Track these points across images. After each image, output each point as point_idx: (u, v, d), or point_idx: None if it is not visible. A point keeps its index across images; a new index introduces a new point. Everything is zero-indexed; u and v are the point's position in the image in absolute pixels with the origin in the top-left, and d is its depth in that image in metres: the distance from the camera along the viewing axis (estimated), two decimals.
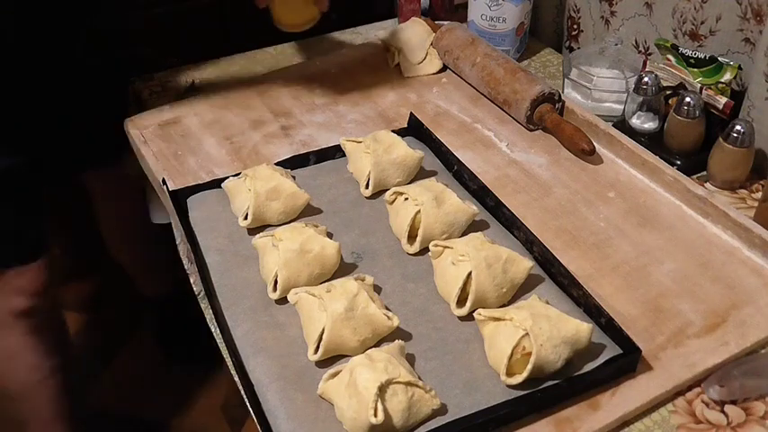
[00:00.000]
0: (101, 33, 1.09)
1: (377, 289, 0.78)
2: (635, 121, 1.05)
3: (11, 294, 1.08)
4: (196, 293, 0.88)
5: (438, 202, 0.82)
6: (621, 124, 1.06)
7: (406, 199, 0.83)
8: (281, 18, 1.04)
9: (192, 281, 0.90)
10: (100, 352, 1.81)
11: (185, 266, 0.94)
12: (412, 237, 0.83)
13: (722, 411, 0.69)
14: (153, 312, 1.46)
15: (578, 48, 1.29)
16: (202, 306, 0.85)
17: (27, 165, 1.03)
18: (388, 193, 0.86)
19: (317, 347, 0.70)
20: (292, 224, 0.82)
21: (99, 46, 1.07)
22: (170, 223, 0.99)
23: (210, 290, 0.79)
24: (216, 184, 0.91)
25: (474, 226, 0.84)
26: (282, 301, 0.76)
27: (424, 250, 0.81)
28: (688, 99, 0.96)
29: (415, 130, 1.02)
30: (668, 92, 1.03)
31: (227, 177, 0.90)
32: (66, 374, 1.23)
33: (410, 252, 0.82)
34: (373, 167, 0.89)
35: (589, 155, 0.98)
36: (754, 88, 0.96)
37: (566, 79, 1.14)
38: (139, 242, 1.45)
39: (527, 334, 0.66)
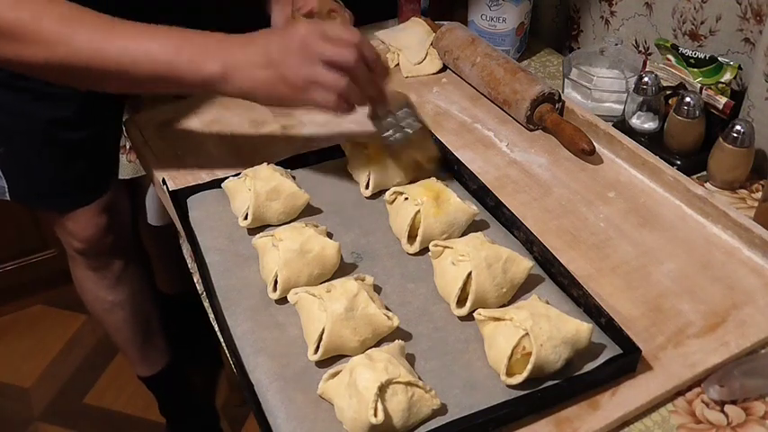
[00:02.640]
0: None
1: (377, 289, 0.78)
2: (635, 121, 1.05)
3: (68, 235, 1.20)
4: (199, 293, 0.88)
5: (438, 202, 0.82)
6: (621, 124, 1.06)
7: (406, 199, 0.83)
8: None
9: (195, 280, 0.91)
10: (102, 350, 1.82)
11: (189, 266, 0.94)
12: (412, 237, 0.83)
13: (722, 411, 0.69)
14: (163, 309, 1.48)
15: (578, 48, 1.29)
16: (204, 306, 0.85)
17: (73, 116, 1.07)
18: (388, 193, 0.86)
19: (317, 347, 0.70)
20: (292, 224, 0.82)
21: None
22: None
23: (210, 290, 0.79)
24: (216, 184, 0.91)
25: (474, 226, 0.84)
26: (282, 301, 0.76)
27: (424, 250, 0.81)
28: (688, 99, 0.96)
29: None
30: (668, 92, 1.03)
31: (227, 177, 0.90)
32: (128, 312, 1.34)
33: (410, 252, 0.82)
34: (373, 167, 0.89)
35: (589, 155, 0.98)
36: (754, 88, 0.96)
37: (566, 79, 1.14)
38: (165, 234, 1.48)
39: (527, 334, 0.66)
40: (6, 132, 1.06)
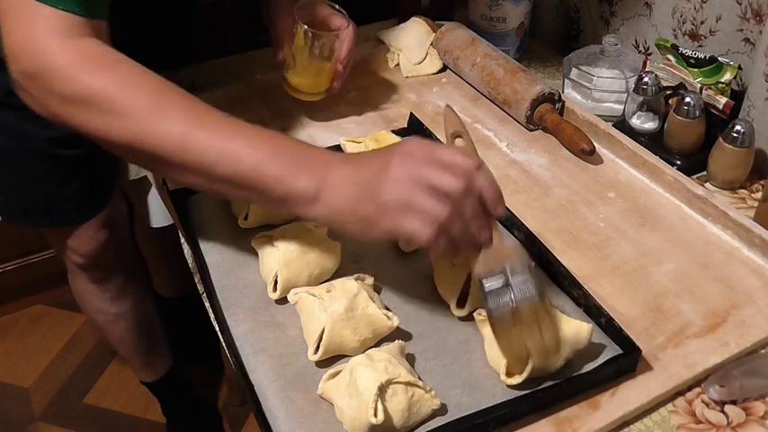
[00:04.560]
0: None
1: (377, 289, 0.78)
2: (635, 121, 1.05)
3: (68, 250, 1.18)
4: (200, 293, 0.88)
5: None
6: (621, 124, 1.06)
7: None
8: (294, 84, 1.04)
9: (196, 281, 0.91)
10: (102, 350, 1.82)
11: (190, 266, 0.94)
12: None
13: (722, 411, 0.69)
14: (164, 312, 1.48)
15: (578, 48, 1.29)
16: (205, 306, 0.85)
17: (73, 134, 1.04)
18: None
19: (317, 347, 0.70)
20: (292, 224, 0.82)
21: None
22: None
23: (210, 290, 0.79)
24: None
25: None
26: (282, 301, 0.76)
27: (424, 249, 0.81)
28: (688, 99, 0.96)
29: (415, 130, 1.02)
30: (668, 92, 1.03)
31: None
32: (132, 323, 1.33)
33: (407, 251, 0.82)
34: None
35: (589, 155, 0.98)
36: (754, 88, 0.96)
37: (566, 79, 1.14)
38: (164, 237, 1.48)
39: None
40: (3, 151, 1.03)
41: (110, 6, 0.76)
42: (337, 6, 1.02)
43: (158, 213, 1.43)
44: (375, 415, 0.61)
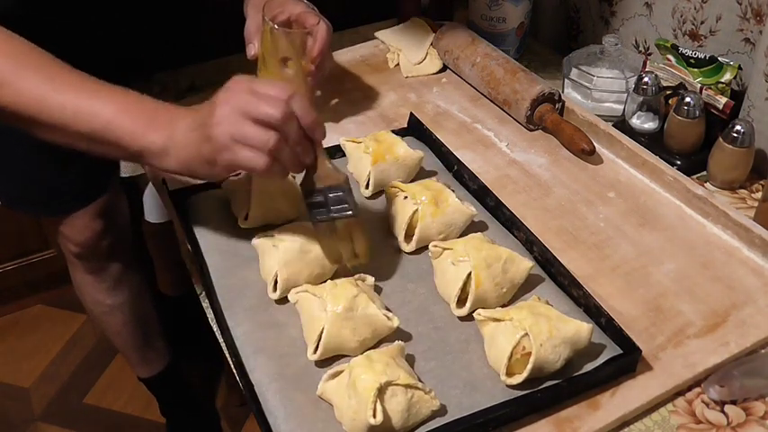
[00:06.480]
0: (104, 32, 1.09)
1: (377, 289, 0.78)
2: (635, 121, 1.05)
3: (64, 239, 1.19)
4: (198, 293, 0.88)
5: (436, 202, 0.82)
6: (621, 124, 1.06)
7: (406, 197, 0.83)
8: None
9: (194, 281, 0.91)
10: (102, 350, 1.82)
11: (188, 267, 0.94)
12: (409, 236, 0.83)
13: (722, 411, 0.69)
14: (164, 310, 1.48)
15: (578, 48, 1.29)
16: (204, 306, 0.85)
17: None
18: (387, 186, 0.86)
19: (317, 347, 0.70)
20: (292, 224, 0.82)
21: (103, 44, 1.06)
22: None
23: (210, 290, 0.79)
24: (216, 184, 0.91)
25: (474, 226, 0.84)
26: (282, 301, 0.76)
27: (424, 249, 0.81)
28: (688, 99, 0.96)
29: (415, 130, 1.02)
30: (668, 92, 1.03)
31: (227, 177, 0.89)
32: (128, 315, 1.34)
33: (406, 251, 0.82)
34: (373, 168, 0.89)
35: (589, 155, 0.98)
36: (754, 88, 0.96)
37: (566, 79, 1.14)
38: (167, 234, 1.48)
39: (527, 334, 0.66)
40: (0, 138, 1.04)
41: (111, 6, 0.76)
42: (310, 4, 0.99)
43: (154, 209, 1.43)
44: (374, 416, 0.61)
